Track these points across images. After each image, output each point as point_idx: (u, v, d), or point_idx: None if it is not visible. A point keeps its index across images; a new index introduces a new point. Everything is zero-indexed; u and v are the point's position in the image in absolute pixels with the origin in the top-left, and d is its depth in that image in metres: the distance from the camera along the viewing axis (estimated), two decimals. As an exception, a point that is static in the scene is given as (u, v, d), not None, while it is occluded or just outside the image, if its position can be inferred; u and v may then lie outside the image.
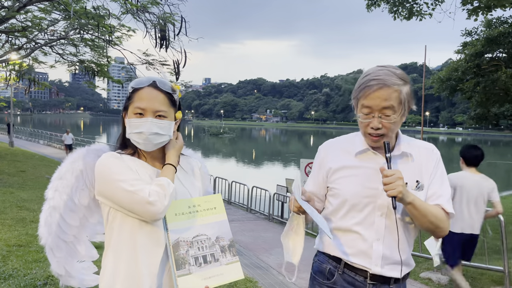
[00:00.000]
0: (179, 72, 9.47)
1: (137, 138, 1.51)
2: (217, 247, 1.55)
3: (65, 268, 1.64)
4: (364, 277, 1.69)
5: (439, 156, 1.73)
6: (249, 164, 34.13)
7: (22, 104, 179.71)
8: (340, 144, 1.81)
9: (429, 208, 1.60)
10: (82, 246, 1.70)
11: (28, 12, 11.74)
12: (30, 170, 14.07)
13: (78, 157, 1.60)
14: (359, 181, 1.68)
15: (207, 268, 1.50)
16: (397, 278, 1.69)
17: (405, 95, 1.60)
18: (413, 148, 1.71)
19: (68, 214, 1.58)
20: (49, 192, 1.57)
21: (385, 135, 1.62)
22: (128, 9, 9.96)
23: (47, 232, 1.56)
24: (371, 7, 10.33)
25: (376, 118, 1.59)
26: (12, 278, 3.92)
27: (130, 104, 1.54)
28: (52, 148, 28.07)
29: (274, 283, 5.06)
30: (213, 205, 1.61)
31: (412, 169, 1.67)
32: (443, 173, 1.72)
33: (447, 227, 1.65)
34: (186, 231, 1.50)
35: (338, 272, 1.73)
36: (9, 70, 14.79)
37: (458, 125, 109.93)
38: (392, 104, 1.57)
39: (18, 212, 7.17)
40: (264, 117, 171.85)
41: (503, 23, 12.54)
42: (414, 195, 1.57)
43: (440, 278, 5.26)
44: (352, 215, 1.69)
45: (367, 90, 1.58)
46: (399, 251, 1.67)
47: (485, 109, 13.68)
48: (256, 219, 10.45)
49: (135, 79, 1.59)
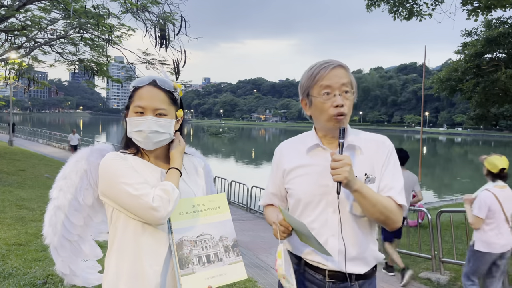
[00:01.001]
0: (179, 71, 9.47)
1: (137, 136, 1.52)
2: (221, 246, 1.54)
3: (70, 267, 1.64)
4: (323, 275, 1.68)
5: (391, 148, 1.69)
6: (249, 163, 34.12)
7: (21, 103, 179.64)
8: (293, 144, 1.83)
9: (379, 198, 1.57)
10: (87, 245, 1.70)
11: (27, 11, 11.72)
12: (30, 169, 14.06)
13: (82, 156, 1.60)
14: (311, 179, 1.69)
15: (210, 268, 1.49)
16: (358, 274, 1.66)
17: (352, 77, 1.66)
18: (361, 141, 1.69)
19: (72, 213, 1.58)
20: (53, 192, 1.57)
21: (346, 115, 1.62)
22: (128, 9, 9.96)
23: (52, 231, 1.56)
24: (371, 7, 10.34)
25: (338, 96, 1.60)
26: (12, 277, 3.91)
27: (131, 103, 1.54)
28: (51, 147, 28.05)
29: (273, 282, 5.06)
30: (217, 205, 1.61)
31: (360, 161, 1.65)
32: (395, 165, 1.68)
33: (398, 219, 1.62)
34: (189, 230, 1.50)
35: (300, 271, 1.74)
36: (8, 69, 14.77)
37: (458, 126, 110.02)
38: (348, 81, 1.62)
39: (18, 211, 7.17)
40: (264, 117, 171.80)
41: (503, 24, 12.56)
42: (362, 183, 1.55)
43: (440, 278, 5.27)
44: (307, 214, 1.70)
45: (323, 71, 1.62)
46: (356, 246, 1.65)
47: (484, 109, 13.71)
48: (255, 219, 10.45)
49: (137, 79, 1.59)
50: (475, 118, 14.46)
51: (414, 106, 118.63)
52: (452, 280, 5.25)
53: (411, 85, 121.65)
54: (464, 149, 65.32)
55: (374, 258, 1.72)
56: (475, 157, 51.46)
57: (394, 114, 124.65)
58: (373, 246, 1.72)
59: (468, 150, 63.07)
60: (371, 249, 1.70)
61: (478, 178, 30.67)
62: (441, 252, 5.50)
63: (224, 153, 43.31)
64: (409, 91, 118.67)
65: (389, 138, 1.75)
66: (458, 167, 39.04)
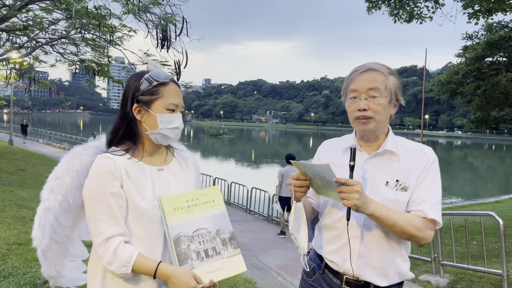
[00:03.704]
0: (180, 72, 9.47)
1: (170, 133, 1.53)
2: (218, 240, 1.53)
3: (56, 268, 1.61)
4: (340, 281, 1.67)
5: (431, 160, 1.63)
6: (249, 165, 34.10)
7: (22, 103, 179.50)
8: (332, 144, 1.84)
9: (398, 219, 1.51)
10: (74, 246, 1.67)
11: (29, 11, 11.73)
12: (30, 168, 14.06)
13: (75, 155, 1.56)
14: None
15: (209, 262, 1.49)
16: (377, 286, 1.62)
17: (391, 83, 1.62)
18: (401, 148, 1.66)
19: (62, 214, 1.54)
20: (44, 193, 1.54)
21: (373, 119, 1.60)
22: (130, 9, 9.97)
23: (41, 234, 1.53)
24: (372, 9, 10.35)
25: (363, 100, 1.60)
26: (12, 276, 3.91)
27: (157, 99, 1.52)
28: (51, 147, 28.05)
29: (273, 284, 5.07)
30: (211, 198, 1.59)
31: (395, 168, 1.62)
32: (434, 178, 1.62)
33: (425, 235, 1.55)
34: (186, 226, 1.49)
35: (319, 271, 1.73)
36: (9, 68, 14.77)
37: (458, 129, 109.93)
38: (378, 86, 1.59)
39: (18, 210, 7.17)
40: (264, 119, 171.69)
41: (503, 27, 12.58)
42: (376, 206, 1.50)
43: (439, 281, 5.27)
44: (335, 212, 1.70)
45: (354, 75, 1.63)
46: (377, 255, 1.61)
47: (485, 112, 13.71)
48: (255, 220, 10.45)
49: (153, 71, 1.55)
50: (476, 121, 14.46)
51: (414, 109, 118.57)
52: (451, 283, 5.25)
53: (411, 88, 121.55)
54: (464, 152, 65.31)
55: (398, 273, 1.65)
56: (475, 160, 51.50)
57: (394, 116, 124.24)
58: (400, 260, 1.64)
59: (468, 153, 63.06)
60: (395, 263, 1.63)
61: (478, 181, 30.70)
62: (441, 255, 5.50)
63: (224, 154, 43.29)
64: (409, 94, 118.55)
65: None
66: (458, 170, 39.02)
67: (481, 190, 25.14)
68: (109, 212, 1.42)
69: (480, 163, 48.13)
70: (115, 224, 1.42)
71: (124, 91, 1.58)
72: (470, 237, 6.12)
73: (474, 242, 7.28)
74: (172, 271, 1.41)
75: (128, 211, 1.46)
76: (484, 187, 27.25)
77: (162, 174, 1.57)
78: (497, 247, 6.94)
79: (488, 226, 7.99)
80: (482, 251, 5.22)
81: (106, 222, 1.41)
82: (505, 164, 47.22)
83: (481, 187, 27.15)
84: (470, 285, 5.14)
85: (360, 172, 1.64)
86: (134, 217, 1.46)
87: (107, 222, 1.41)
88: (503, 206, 14.02)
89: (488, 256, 5.48)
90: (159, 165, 1.58)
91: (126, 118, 1.55)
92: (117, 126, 1.57)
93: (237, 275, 4.83)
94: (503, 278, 4.75)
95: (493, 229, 7.86)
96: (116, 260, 1.39)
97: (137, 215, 1.46)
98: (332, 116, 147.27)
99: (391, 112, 1.66)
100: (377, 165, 1.65)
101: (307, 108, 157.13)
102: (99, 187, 1.43)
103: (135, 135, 1.56)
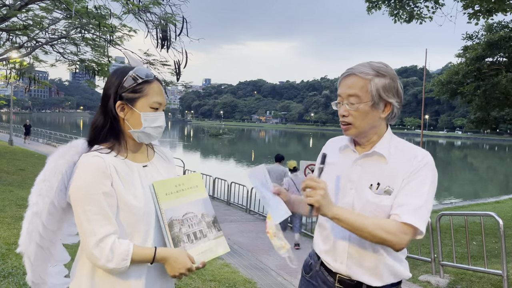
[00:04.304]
0: (180, 72, 9.48)
1: (153, 131, 1.53)
2: (204, 223, 1.61)
3: (40, 275, 1.56)
4: (334, 279, 1.68)
5: (422, 164, 1.54)
6: (249, 165, 34.09)
7: (22, 103, 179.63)
8: (333, 142, 1.84)
9: (365, 222, 1.47)
10: (57, 250, 1.62)
11: (29, 10, 11.73)
12: (30, 168, 14.06)
13: (60, 155, 1.51)
14: (330, 178, 1.69)
15: (198, 244, 1.56)
16: (369, 286, 1.61)
17: (376, 86, 1.56)
18: (395, 151, 1.61)
19: (48, 218, 1.49)
20: (32, 197, 1.47)
21: (352, 125, 1.60)
22: (130, 9, 9.97)
23: (28, 239, 1.47)
24: (372, 9, 10.35)
25: (343, 106, 1.60)
26: (12, 276, 3.91)
27: (141, 97, 1.50)
28: (51, 146, 28.05)
29: (273, 284, 5.06)
30: (194, 184, 1.65)
31: (382, 171, 1.58)
32: (422, 183, 1.52)
33: (399, 240, 1.47)
34: (176, 210, 1.55)
35: (316, 268, 1.76)
36: (9, 68, 14.78)
37: (458, 129, 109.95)
38: (356, 92, 1.56)
39: (18, 210, 7.16)
40: (264, 119, 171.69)
41: (503, 28, 12.59)
42: (339, 210, 1.49)
43: (439, 281, 5.27)
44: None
45: (340, 79, 1.65)
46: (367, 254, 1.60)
47: (485, 113, 13.72)
48: (255, 220, 10.44)
49: (138, 68, 1.52)
50: (476, 121, 14.46)
51: (414, 109, 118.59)
52: (451, 283, 5.25)
53: (412, 88, 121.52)
54: (464, 152, 65.33)
55: (391, 273, 1.62)
56: (475, 160, 51.52)
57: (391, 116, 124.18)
58: (393, 260, 1.61)
59: (468, 153, 63.08)
60: (388, 263, 1.61)
61: (477, 181, 30.70)
62: (441, 255, 5.50)
63: (224, 154, 43.30)
64: (409, 94, 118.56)
65: None
66: (458, 170, 39.03)
67: (481, 190, 25.15)
68: (101, 212, 1.40)
69: (480, 163, 48.15)
70: (107, 224, 1.41)
71: (106, 86, 1.53)
72: (470, 237, 6.12)
73: (474, 242, 7.28)
74: (169, 253, 1.46)
75: (119, 210, 1.45)
76: (484, 187, 27.26)
77: (147, 170, 1.57)
78: (497, 247, 6.94)
79: (488, 227, 7.99)
80: (482, 251, 5.22)
81: (99, 222, 1.40)
82: (505, 164, 47.24)
83: (481, 187, 27.16)
84: (470, 286, 5.14)
85: (349, 172, 1.64)
86: (124, 215, 1.46)
87: (100, 222, 1.40)
88: (503, 206, 14.03)
89: (488, 257, 5.48)
90: (143, 162, 1.58)
91: (108, 115, 1.51)
92: (100, 123, 1.53)
93: (237, 275, 4.83)
94: (503, 278, 4.75)
95: (493, 229, 7.86)
96: (114, 256, 1.39)
97: (129, 213, 1.45)
98: (332, 116, 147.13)
99: (381, 115, 1.60)
100: (366, 167, 1.63)
101: (307, 108, 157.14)
102: (91, 187, 1.41)
103: (118, 132, 1.54)
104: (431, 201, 1.54)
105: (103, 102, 1.54)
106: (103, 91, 1.56)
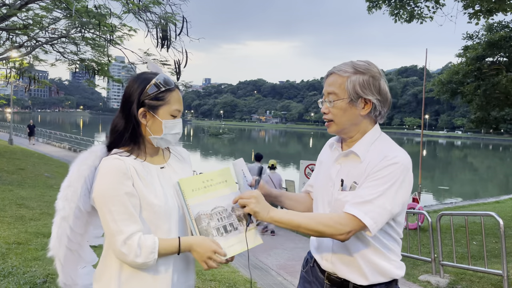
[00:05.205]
0: (180, 72, 9.47)
1: (172, 138, 1.59)
2: (234, 216, 1.63)
3: (71, 276, 1.63)
4: (323, 276, 1.72)
5: (389, 164, 1.51)
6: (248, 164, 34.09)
7: (22, 102, 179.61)
8: (331, 140, 1.87)
9: (300, 219, 1.53)
10: (86, 252, 1.69)
11: (29, 10, 11.73)
12: (29, 168, 14.06)
13: (82, 161, 1.55)
14: (317, 175, 1.80)
15: (229, 237, 1.58)
16: (355, 284, 1.61)
17: (353, 83, 1.57)
18: (367, 150, 1.60)
19: (75, 222, 1.55)
20: (59, 203, 1.52)
21: (333, 122, 1.65)
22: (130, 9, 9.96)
23: (58, 243, 1.54)
24: (372, 9, 10.34)
25: (325, 103, 1.66)
26: (12, 276, 3.91)
27: (163, 105, 1.55)
28: (51, 146, 28.05)
29: (273, 283, 5.06)
30: (224, 179, 1.68)
31: (355, 169, 1.60)
32: (380, 179, 1.50)
33: (335, 231, 1.49)
34: (204, 205, 1.58)
35: (310, 264, 1.82)
36: (9, 67, 14.78)
37: (458, 129, 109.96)
38: (334, 90, 1.61)
39: (17, 210, 7.17)
40: (264, 118, 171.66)
41: (504, 27, 12.57)
42: (274, 212, 1.54)
43: (439, 281, 5.26)
44: (316, 208, 1.78)
45: (324, 78, 1.70)
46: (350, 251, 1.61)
47: (485, 112, 13.70)
48: (255, 220, 10.44)
49: (161, 76, 1.56)
50: (476, 121, 14.45)
51: (414, 109, 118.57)
52: (451, 283, 5.25)
53: (412, 88, 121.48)
54: (464, 152, 65.33)
55: (378, 272, 1.61)
56: (475, 160, 51.50)
57: (394, 116, 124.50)
58: (379, 259, 1.60)
59: (468, 153, 63.08)
60: (373, 262, 1.60)
61: (478, 181, 30.70)
62: (441, 255, 5.50)
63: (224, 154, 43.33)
64: (409, 94, 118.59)
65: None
66: (458, 170, 39.03)
67: (481, 190, 25.15)
68: (126, 211, 1.46)
69: (480, 163, 48.14)
70: (133, 223, 1.46)
71: (128, 92, 1.56)
72: (470, 237, 6.13)
73: (474, 242, 7.28)
74: (193, 240, 1.51)
75: (141, 210, 1.51)
76: (484, 187, 27.25)
77: (164, 171, 1.62)
78: (497, 247, 6.94)
79: (488, 226, 7.99)
80: (482, 251, 5.22)
81: (125, 221, 1.45)
82: (505, 164, 47.24)
83: (481, 187, 27.15)
84: (470, 285, 5.14)
85: (331, 170, 1.70)
86: (147, 214, 1.51)
87: (126, 221, 1.45)
88: (503, 206, 14.02)
89: (488, 256, 5.48)
90: (160, 163, 1.63)
91: (130, 121, 1.55)
92: (121, 128, 1.56)
93: (237, 275, 4.83)
94: (503, 278, 4.75)
95: (493, 229, 7.86)
96: (142, 251, 1.44)
97: (151, 212, 1.51)
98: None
99: (361, 113, 1.60)
100: (344, 165, 1.67)
101: (307, 108, 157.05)
102: (114, 188, 1.46)
103: (138, 137, 1.58)
104: (390, 200, 1.50)
105: (124, 108, 1.57)
106: (124, 97, 1.58)
